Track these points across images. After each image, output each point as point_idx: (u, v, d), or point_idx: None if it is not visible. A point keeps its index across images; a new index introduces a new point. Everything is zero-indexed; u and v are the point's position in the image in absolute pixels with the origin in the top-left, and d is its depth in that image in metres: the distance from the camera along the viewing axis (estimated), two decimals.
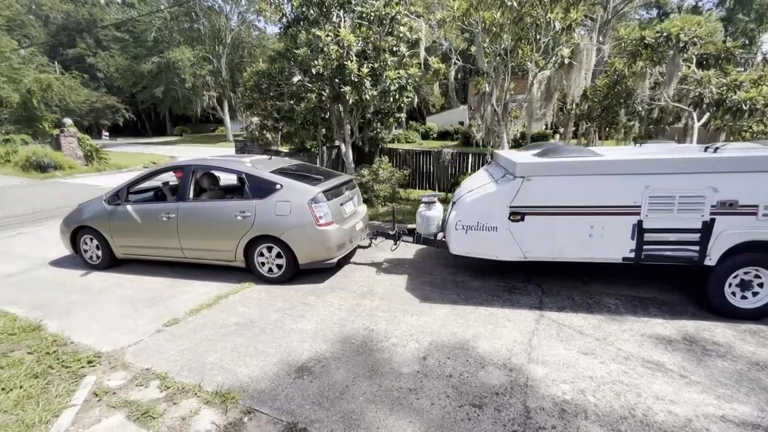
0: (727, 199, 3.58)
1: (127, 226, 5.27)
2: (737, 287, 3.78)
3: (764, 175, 3.49)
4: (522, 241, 4.12)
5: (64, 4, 45.10)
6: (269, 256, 4.86)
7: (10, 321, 3.96)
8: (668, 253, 3.82)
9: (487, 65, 7.69)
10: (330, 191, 4.93)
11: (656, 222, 3.76)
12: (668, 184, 3.68)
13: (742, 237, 3.62)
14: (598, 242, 3.95)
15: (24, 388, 2.89)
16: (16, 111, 22.69)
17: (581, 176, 3.89)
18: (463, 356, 3.23)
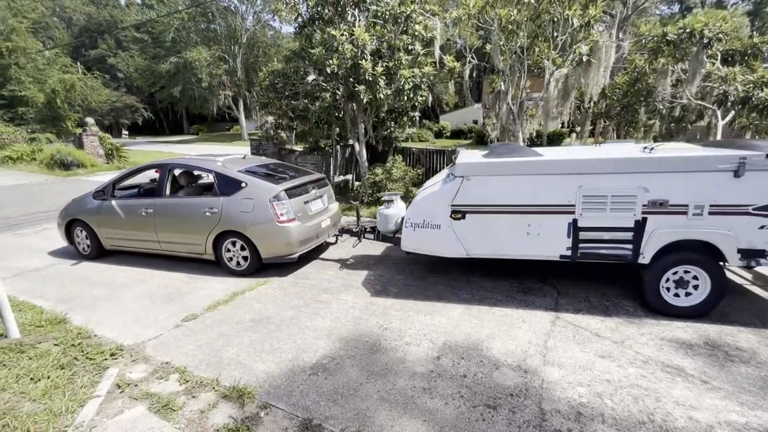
0: (658, 199, 3.65)
1: (112, 219, 5.67)
2: (674, 286, 3.81)
3: (692, 175, 3.55)
4: (464, 238, 4.26)
5: (87, 6, 46.39)
6: (234, 250, 5.11)
7: (37, 314, 4.11)
8: (603, 251, 3.91)
9: (503, 63, 7.61)
10: (294, 189, 5.14)
11: (590, 221, 3.85)
12: (600, 184, 3.77)
13: (674, 236, 3.69)
14: (535, 240, 4.06)
15: (51, 379, 3.00)
16: (41, 110, 23.50)
17: (516, 176, 4.02)
18: (477, 356, 3.22)
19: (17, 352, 3.35)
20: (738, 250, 3.58)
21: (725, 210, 3.54)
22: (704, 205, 3.57)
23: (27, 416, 2.61)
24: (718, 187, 3.52)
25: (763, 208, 3.47)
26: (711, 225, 3.60)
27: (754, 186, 3.45)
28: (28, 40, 27.43)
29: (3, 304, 3.50)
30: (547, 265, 5.07)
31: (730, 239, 3.56)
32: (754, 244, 3.54)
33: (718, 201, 3.54)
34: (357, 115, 8.92)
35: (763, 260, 3.59)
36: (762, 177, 3.43)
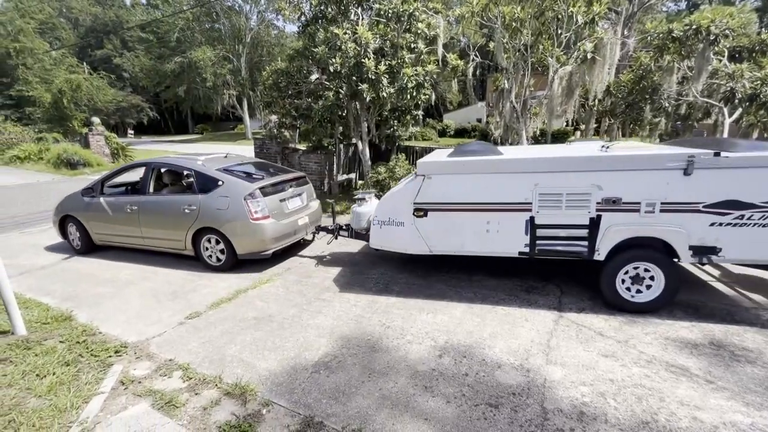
0: (611, 197, 3.71)
1: (100, 215, 5.93)
2: (630, 282, 3.87)
3: (643, 174, 3.61)
4: (427, 235, 4.37)
5: (93, 6, 46.71)
6: (211, 246, 5.29)
7: (43, 311, 4.15)
8: (560, 248, 3.99)
9: (507, 61, 7.57)
10: (269, 188, 5.29)
11: (547, 218, 3.93)
12: (555, 182, 3.84)
13: (628, 233, 3.75)
14: (495, 237, 4.14)
15: (56, 375, 3.03)
16: (48, 110, 23.71)
17: (475, 175, 4.12)
18: (479, 355, 3.21)
19: (24, 348, 3.39)
20: (690, 246, 3.64)
21: (676, 207, 3.59)
22: (656, 203, 3.62)
23: (32, 412, 2.64)
24: (668, 185, 3.57)
25: (713, 206, 3.50)
26: (663, 222, 3.65)
27: (703, 184, 3.49)
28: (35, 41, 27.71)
29: (10, 301, 3.54)
30: (551, 264, 5.04)
31: (681, 236, 3.61)
32: (706, 241, 3.59)
33: (669, 199, 3.59)
34: (360, 114, 8.92)
35: (715, 257, 3.63)
36: (710, 175, 3.46)
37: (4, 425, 2.52)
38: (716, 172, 3.44)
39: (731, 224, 3.50)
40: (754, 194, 3.41)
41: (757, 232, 3.46)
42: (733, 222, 3.49)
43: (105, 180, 6.11)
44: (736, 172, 3.42)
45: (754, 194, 3.41)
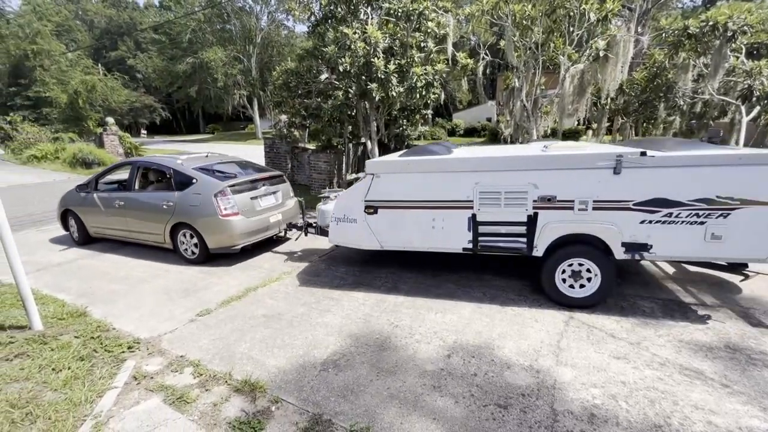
0: (547, 195, 3.82)
1: (94, 210, 6.36)
2: (570, 277, 3.98)
3: (575, 173, 3.71)
4: (378, 231, 4.54)
5: (108, 9, 47.58)
6: (186, 241, 5.59)
7: (59, 307, 4.24)
8: (501, 244, 4.11)
9: (517, 60, 7.50)
10: (240, 186, 5.50)
11: (488, 215, 4.06)
12: (494, 181, 3.96)
13: (563, 230, 3.86)
14: (440, 234, 4.29)
15: (72, 370, 3.10)
16: (64, 111, 24.24)
17: (419, 173, 4.27)
18: (488, 355, 3.19)
19: (40, 343, 3.47)
20: (622, 243, 3.71)
21: (608, 205, 3.68)
22: (588, 201, 3.72)
23: (48, 405, 2.70)
24: (599, 183, 3.65)
25: (642, 204, 3.58)
26: (596, 219, 3.74)
27: (632, 182, 3.57)
28: (52, 43, 28.33)
29: (27, 297, 3.63)
30: None
31: (613, 233, 3.70)
32: (637, 238, 3.67)
33: (600, 197, 3.68)
34: (369, 113, 8.93)
35: (646, 253, 3.68)
36: (638, 174, 3.53)
37: (21, 417, 2.58)
38: (643, 171, 3.52)
39: (660, 222, 3.57)
40: (681, 193, 3.48)
41: (685, 230, 3.53)
42: (662, 220, 3.56)
43: (99, 177, 6.52)
44: (662, 171, 3.49)
45: (681, 193, 3.48)
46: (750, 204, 3.34)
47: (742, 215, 3.37)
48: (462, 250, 4.24)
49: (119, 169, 6.57)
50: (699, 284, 4.44)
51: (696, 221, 3.48)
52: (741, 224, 3.39)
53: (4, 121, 21.60)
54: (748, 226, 3.38)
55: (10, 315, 4.02)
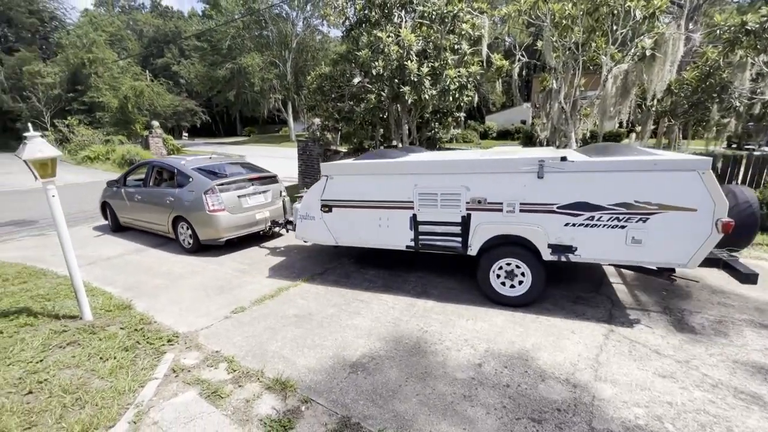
0: (478, 197, 4.01)
1: (121, 202, 7.36)
2: (505, 277, 4.14)
3: (503, 176, 3.88)
4: (332, 228, 4.88)
5: (155, 18, 50.48)
6: (183, 232, 6.31)
7: (107, 299, 4.51)
8: (439, 243, 4.33)
9: (555, 60, 7.25)
10: (228, 185, 6.10)
11: (426, 216, 4.30)
12: (431, 183, 4.19)
13: (494, 231, 4.03)
14: (386, 232, 4.55)
15: (117, 359, 3.28)
16: (114, 115, 25.91)
17: (367, 176, 4.57)
18: (521, 366, 3.08)
19: (89, 333, 3.70)
20: (548, 245, 3.83)
21: (533, 208, 3.81)
22: (515, 203, 3.87)
23: (96, 392, 2.87)
24: (525, 187, 3.80)
25: (566, 207, 3.68)
26: (523, 221, 3.89)
27: (555, 186, 3.69)
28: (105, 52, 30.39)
29: (79, 289, 3.89)
30: (600, 274, 4.77)
31: (540, 235, 3.83)
32: (562, 240, 3.77)
33: (527, 200, 3.82)
34: (401, 116, 8.92)
35: (572, 255, 3.77)
36: (560, 178, 3.66)
37: (72, 402, 2.76)
38: (565, 176, 3.64)
39: (583, 225, 3.66)
40: (601, 197, 3.55)
41: (607, 233, 3.60)
42: (585, 223, 3.65)
43: (126, 174, 7.50)
44: (582, 176, 3.60)
45: (601, 197, 3.55)
46: (667, 209, 3.38)
47: (660, 220, 3.41)
48: (405, 248, 4.50)
49: (141, 168, 7.33)
50: (756, 301, 4.09)
51: (617, 225, 3.55)
52: (660, 229, 3.43)
53: (63, 124, 23.38)
54: (667, 230, 3.41)
55: (64, 305, 4.31)
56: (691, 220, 3.32)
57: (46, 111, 26.97)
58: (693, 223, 3.32)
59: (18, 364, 3.19)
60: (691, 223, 3.32)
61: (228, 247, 6.43)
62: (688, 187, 3.28)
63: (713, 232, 3.28)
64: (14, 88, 27.76)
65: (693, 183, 3.26)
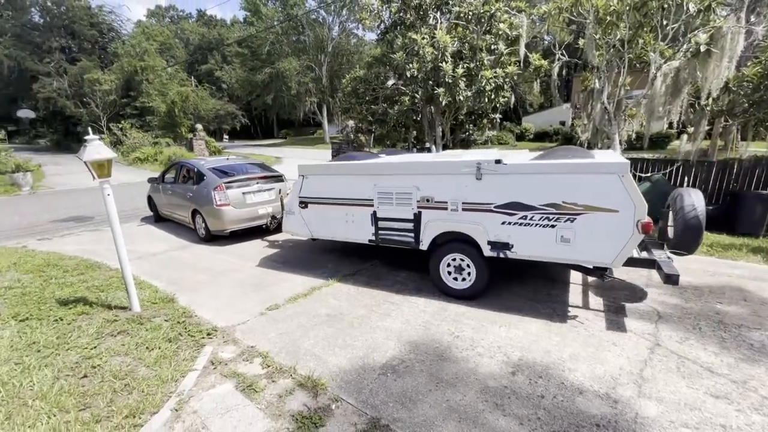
0: (426, 196, 4.33)
1: (159, 196, 8.50)
2: (454, 271, 4.42)
3: (446, 177, 4.17)
4: (309, 223, 5.38)
5: (200, 27, 53.17)
6: (199, 223, 7.16)
7: (153, 292, 4.80)
8: (395, 238, 4.69)
9: (599, 59, 6.94)
10: (234, 183, 6.83)
11: (384, 212, 4.68)
12: (387, 183, 4.58)
13: (441, 228, 4.33)
14: (352, 227, 4.97)
15: (161, 349, 3.47)
16: (162, 119, 27.50)
17: (334, 176, 5.07)
18: (557, 377, 2.96)
19: (137, 323, 3.95)
20: (488, 242, 4.06)
21: (474, 207, 4.06)
22: (458, 202, 4.15)
23: (142, 379, 3.05)
24: (466, 187, 4.06)
25: (502, 207, 3.90)
26: (465, 220, 4.15)
27: (492, 187, 3.92)
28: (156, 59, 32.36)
29: (129, 282, 4.16)
30: (645, 284, 4.49)
31: (480, 232, 4.08)
32: (500, 237, 3.99)
33: (468, 199, 4.08)
34: (435, 118, 8.87)
35: (509, 252, 3.97)
36: (495, 180, 3.89)
37: (121, 388, 2.95)
38: (500, 177, 3.87)
39: (518, 224, 3.86)
40: (533, 197, 3.74)
41: (539, 232, 3.77)
42: (519, 222, 3.85)
43: (164, 172, 8.49)
44: (515, 178, 3.81)
45: (533, 197, 3.74)
46: (592, 210, 3.51)
47: (586, 220, 3.55)
48: (368, 242, 4.90)
49: (173, 168, 8.25)
50: None
51: (548, 224, 3.72)
52: (586, 229, 3.57)
53: (117, 128, 25.13)
54: (592, 230, 3.54)
55: (115, 296, 4.63)
56: (613, 221, 3.44)
57: (103, 115, 29.12)
58: (615, 223, 3.44)
59: (75, 350, 3.46)
60: (613, 224, 3.45)
61: (265, 248, 6.64)
62: (610, 189, 3.42)
63: (635, 233, 3.38)
64: (76, 94, 30.17)
65: (614, 185, 3.39)
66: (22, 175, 15.37)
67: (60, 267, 5.71)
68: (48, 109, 31.72)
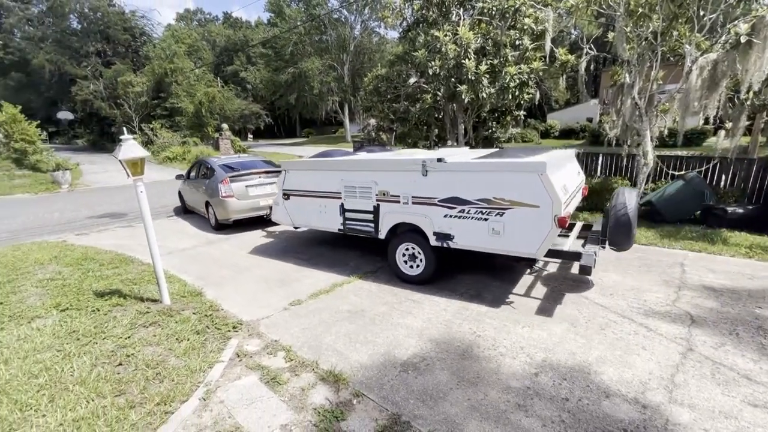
0: (383, 190, 4.79)
1: (185, 190, 9.45)
2: (409, 258, 4.86)
3: (398, 174, 4.63)
4: (291, 213, 5.94)
5: (226, 29, 54.50)
6: (210, 213, 8.00)
7: (182, 286, 4.98)
8: (359, 228, 5.14)
9: (629, 52, 6.69)
10: (237, 177, 7.64)
11: (350, 204, 5.16)
12: (351, 178, 5.07)
13: (396, 219, 4.76)
14: (325, 217, 5.48)
15: (190, 341, 3.60)
16: (190, 119, 28.38)
17: (308, 171, 5.65)
18: (582, 380, 2.89)
19: (167, 315, 4.11)
20: (434, 232, 4.44)
21: (421, 201, 4.47)
22: (409, 196, 4.57)
23: (173, 369, 3.18)
24: (415, 183, 4.48)
25: (444, 201, 4.28)
26: (414, 212, 4.56)
27: (436, 183, 4.31)
28: (184, 62, 33.41)
29: (160, 276, 4.33)
30: (676, 284, 4.32)
31: (427, 223, 4.48)
32: (443, 228, 4.37)
33: (416, 194, 4.50)
34: (457, 116, 8.78)
35: (451, 242, 4.34)
36: (439, 176, 4.28)
37: (153, 376, 3.09)
38: (442, 174, 4.26)
39: (457, 216, 4.22)
40: (469, 193, 4.10)
41: (475, 224, 4.13)
42: (458, 215, 4.21)
43: (189, 170, 9.29)
44: (454, 175, 4.18)
45: (469, 193, 4.10)
46: (517, 205, 3.83)
47: (513, 214, 3.87)
48: (338, 231, 5.40)
49: (195, 165, 9.10)
50: None
51: (481, 217, 4.07)
52: (513, 222, 3.89)
53: (148, 128, 26.13)
54: (518, 223, 3.86)
55: (147, 289, 4.83)
56: (535, 215, 3.74)
57: (135, 116, 30.31)
58: (537, 217, 3.74)
59: (111, 339, 3.64)
60: (535, 218, 3.75)
61: (288, 245, 6.77)
62: (531, 186, 3.71)
63: (553, 227, 3.66)
64: (110, 96, 31.55)
65: (534, 183, 3.69)
66: (61, 174, 16.23)
67: (96, 260, 6.01)
68: (85, 111, 33.33)
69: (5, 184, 15.71)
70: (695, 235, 6.13)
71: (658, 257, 5.42)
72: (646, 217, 7.20)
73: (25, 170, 17.89)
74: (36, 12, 36.20)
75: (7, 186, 15.41)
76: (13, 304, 4.43)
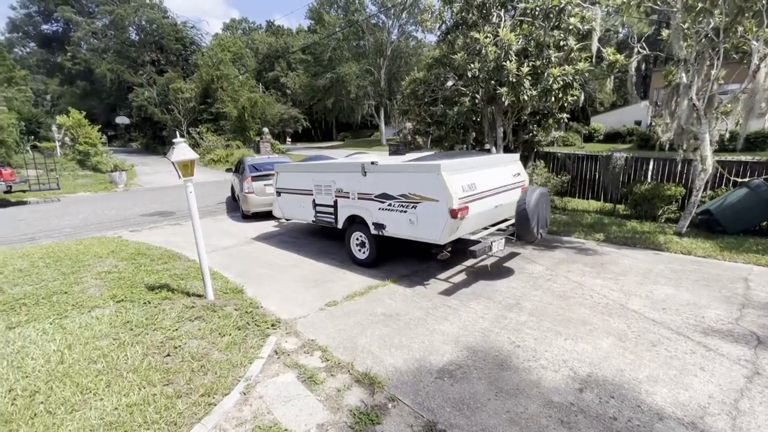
0: (339, 188, 5.80)
1: (233, 182, 11.14)
2: (360, 245, 5.72)
3: (347, 174, 5.64)
4: (282, 207, 7.15)
5: (269, 37, 56.63)
6: (239, 204, 9.62)
7: (224, 283, 5.19)
8: (324, 219, 6.18)
9: (687, 50, 6.26)
10: (258, 176, 9.00)
11: (319, 200, 6.21)
12: (319, 178, 6.16)
13: (348, 212, 5.74)
14: (303, 210, 6.59)
15: (232, 336, 3.74)
16: (234, 123, 29.69)
17: (291, 173, 6.89)
18: (632, 399, 2.71)
19: (211, 310, 4.29)
20: (372, 223, 5.30)
21: (364, 197, 5.40)
22: (355, 193, 5.52)
23: (216, 362, 3.31)
24: (359, 182, 5.42)
25: (378, 196, 5.18)
26: (360, 206, 5.49)
27: (372, 182, 5.23)
28: (230, 68, 35.03)
29: (205, 272, 4.54)
30: (738, 303, 3.96)
31: (368, 215, 5.37)
32: (378, 219, 5.24)
33: (360, 191, 5.44)
34: (496, 119, 8.59)
35: (385, 231, 5.18)
36: (373, 176, 5.22)
37: (197, 368, 3.23)
38: (376, 174, 5.20)
39: (387, 209, 5.10)
40: (393, 189, 4.98)
41: (398, 215, 4.98)
42: (387, 208, 5.09)
43: (237, 166, 10.79)
44: (384, 175, 5.11)
45: (393, 189, 4.98)
46: (424, 199, 4.66)
47: (423, 207, 4.70)
48: (311, 221, 6.50)
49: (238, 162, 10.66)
50: None
51: (402, 210, 4.92)
52: (423, 213, 4.71)
53: (195, 132, 27.62)
54: (426, 215, 4.67)
55: (193, 285, 5.08)
56: (435, 208, 4.54)
57: (184, 120, 32.13)
58: (437, 210, 4.53)
59: (160, 331, 3.85)
60: (436, 210, 4.54)
61: (324, 247, 6.89)
62: (433, 183, 4.53)
63: (449, 217, 4.41)
64: (162, 102, 33.70)
65: (435, 180, 4.50)
66: (118, 174, 17.49)
67: (148, 256, 6.40)
68: (140, 116, 35.77)
69: (70, 183, 17.17)
70: (761, 248, 5.61)
71: (717, 271, 5.01)
72: (703, 227, 6.68)
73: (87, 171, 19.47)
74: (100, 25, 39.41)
75: (72, 185, 16.82)
76: (76, 294, 4.81)
